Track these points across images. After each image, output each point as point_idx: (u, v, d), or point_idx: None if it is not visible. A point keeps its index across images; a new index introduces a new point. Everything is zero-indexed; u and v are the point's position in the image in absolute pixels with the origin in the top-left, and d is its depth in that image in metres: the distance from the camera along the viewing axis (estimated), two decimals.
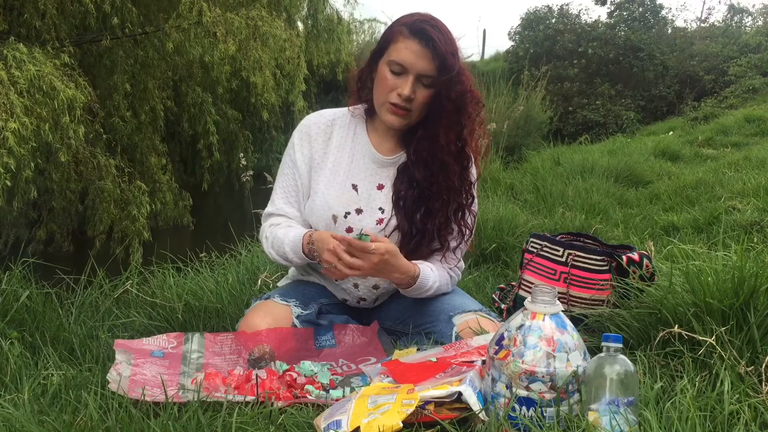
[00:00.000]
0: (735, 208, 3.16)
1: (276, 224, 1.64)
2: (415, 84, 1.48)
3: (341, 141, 1.63)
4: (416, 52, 1.47)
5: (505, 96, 8.15)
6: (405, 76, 1.48)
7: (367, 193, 1.59)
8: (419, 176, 1.55)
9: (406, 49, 1.47)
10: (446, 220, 1.58)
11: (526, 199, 4.00)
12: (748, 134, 7.27)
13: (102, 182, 5.21)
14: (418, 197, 1.57)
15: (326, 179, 1.60)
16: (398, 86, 1.49)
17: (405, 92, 1.48)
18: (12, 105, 3.86)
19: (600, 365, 1.06)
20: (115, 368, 1.35)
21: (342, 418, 1.09)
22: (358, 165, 1.61)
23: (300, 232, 1.56)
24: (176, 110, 7.31)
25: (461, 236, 1.62)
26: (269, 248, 1.63)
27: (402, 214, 1.57)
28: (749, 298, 1.31)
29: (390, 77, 1.50)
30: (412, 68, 1.47)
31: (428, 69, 1.47)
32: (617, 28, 13.48)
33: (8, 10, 4.98)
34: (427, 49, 1.46)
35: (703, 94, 11.96)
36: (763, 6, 15.41)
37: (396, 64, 1.48)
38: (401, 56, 1.48)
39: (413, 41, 1.47)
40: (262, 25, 5.60)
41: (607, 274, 1.58)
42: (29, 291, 1.75)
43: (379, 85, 1.53)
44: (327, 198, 1.58)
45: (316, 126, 1.64)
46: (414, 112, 1.52)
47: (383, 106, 1.53)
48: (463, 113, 1.53)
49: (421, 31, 1.47)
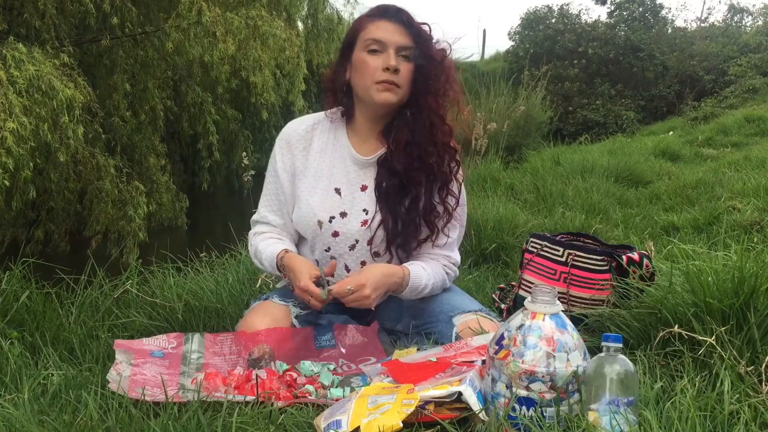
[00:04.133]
0: (735, 208, 3.16)
1: (260, 233, 1.66)
2: (397, 58, 1.49)
3: (322, 146, 1.63)
4: (389, 29, 1.50)
5: (505, 96, 8.15)
6: (385, 53, 1.49)
7: (350, 196, 1.59)
8: (399, 165, 1.54)
9: (379, 28, 1.50)
10: (430, 204, 1.57)
11: (526, 199, 4.00)
12: (748, 134, 7.27)
13: (100, 182, 5.21)
14: (399, 186, 1.56)
15: (309, 186, 1.60)
16: (381, 62, 1.49)
17: (391, 61, 1.48)
18: (11, 105, 3.86)
19: (600, 365, 1.06)
20: (115, 368, 1.35)
21: (342, 418, 1.09)
22: (340, 169, 1.61)
23: (275, 249, 1.57)
24: (176, 110, 7.31)
25: (447, 214, 1.60)
26: (253, 256, 1.67)
27: (386, 208, 1.56)
28: (749, 298, 1.31)
29: (370, 59, 1.50)
30: (389, 42, 1.49)
31: (405, 41, 1.49)
32: (617, 28, 13.49)
33: (8, 10, 4.98)
34: (400, 23, 1.50)
35: (703, 94, 11.97)
36: (763, 6, 15.43)
37: (373, 41, 1.49)
38: (376, 34, 1.49)
39: (383, 21, 1.51)
40: (261, 25, 5.60)
41: (607, 274, 1.58)
42: (29, 291, 1.75)
43: (361, 71, 1.52)
44: (311, 204, 1.58)
45: (296, 134, 1.64)
46: (402, 87, 1.52)
47: (371, 89, 1.51)
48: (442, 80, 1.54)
49: (387, 10, 1.51)
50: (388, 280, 1.49)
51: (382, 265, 1.52)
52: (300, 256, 1.57)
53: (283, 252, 1.55)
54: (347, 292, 1.43)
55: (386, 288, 1.51)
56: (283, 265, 1.54)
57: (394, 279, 1.51)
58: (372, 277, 1.46)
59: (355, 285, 1.43)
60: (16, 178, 4.08)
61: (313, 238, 1.60)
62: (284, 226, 1.66)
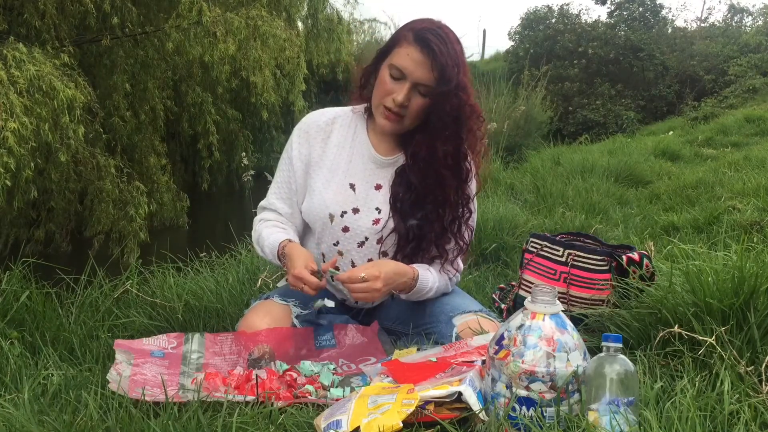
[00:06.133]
0: (735, 208, 3.16)
1: (265, 220, 1.66)
2: (411, 91, 1.47)
3: (341, 140, 1.62)
4: (416, 59, 1.46)
5: (505, 96, 8.16)
6: (402, 82, 1.47)
7: (364, 192, 1.59)
8: (416, 180, 1.54)
9: (407, 56, 1.47)
10: (443, 230, 1.57)
11: (526, 199, 4.00)
12: (748, 134, 7.26)
13: (101, 182, 5.21)
14: (414, 201, 1.56)
15: (324, 178, 1.60)
16: (394, 91, 1.48)
17: (399, 99, 1.47)
18: (11, 105, 3.86)
19: (600, 365, 1.06)
20: (115, 368, 1.35)
21: (342, 418, 1.09)
22: (357, 164, 1.60)
23: (278, 238, 1.57)
24: (176, 110, 7.32)
25: (458, 249, 1.61)
26: (255, 242, 1.67)
27: (399, 217, 1.56)
28: (749, 298, 1.31)
29: (388, 81, 1.49)
30: (410, 75, 1.47)
31: (426, 78, 1.46)
32: (617, 28, 13.48)
33: (8, 10, 4.98)
34: (428, 58, 1.45)
35: (703, 94, 11.95)
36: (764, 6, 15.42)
37: (396, 68, 1.48)
38: (401, 62, 1.47)
39: (415, 48, 1.46)
40: (261, 25, 5.60)
41: (607, 274, 1.58)
42: (29, 291, 1.75)
43: (378, 87, 1.53)
44: (324, 197, 1.58)
45: (316, 125, 1.64)
46: (407, 119, 1.51)
47: (378, 109, 1.53)
48: (462, 127, 1.52)
49: (425, 39, 1.46)
50: (398, 279, 1.49)
51: (394, 263, 1.51)
52: (302, 247, 1.57)
53: (286, 241, 1.55)
54: (360, 279, 1.42)
55: (395, 286, 1.50)
56: (284, 254, 1.53)
57: (404, 279, 1.51)
58: (386, 270, 1.45)
59: (369, 275, 1.42)
60: (17, 178, 4.07)
61: (322, 230, 1.60)
62: (291, 215, 1.66)
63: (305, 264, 1.44)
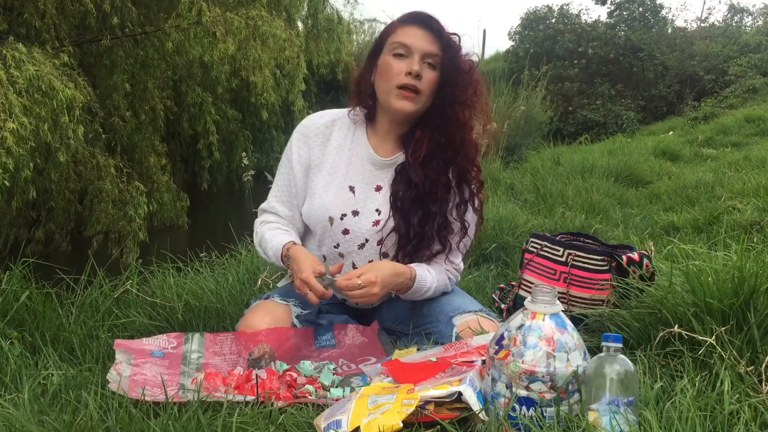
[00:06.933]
0: (735, 208, 3.16)
1: (267, 222, 1.66)
2: (421, 65, 1.48)
3: (340, 142, 1.62)
4: (417, 34, 1.49)
5: (505, 96, 8.15)
6: (410, 58, 1.48)
7: (364, 195, 1.59)
8: (417, 178, 1.54)
9: (407, 34, 1.49)
10: (445, 220, 1.57)
11: (526, 199, 4.00)
12: (748, 134, 7.27)
13: (101, 182, 5.21)
14: (415, 199, 1.56)
15: (324, 181, 1.60)
16: (405, 66, 1.48)
17: (414, 66, 1.47)
18: (11, 105, 3.86)
19: (600, 365, 1.06)
20: (115, 368, 1.35)
21: (342, 418, 1.09)
22: (356, 167, 1.60)
23: (282, 240, 1.56)
24: (176, 110, 7.32)
25: (463, 231, 1.60)
26: (257, 245, 1.66)
27: (399, 216, 1.56)
28: (749, 298, 1.31)
29: (395, 62, 1.49)
30: (416, 48, 1.48)
31: (432, 48, 1.49)
32: (617, 28, 13.49)
33: (8, 10, 4.97)
34: (429, 30, 1.49)
35: (703, 94, 11.96)
36: (764, 6, 15.43)
37: (400, 45, 1.49)
38: (404, 39, 1.49)
39: (413, 26, 1.50)
40: (261, 25, 5.61)
41: (607, 274, 1.58)
42: (29, 291, 1.75)
43: (384, 74, 1.52)
44: (324, 200, 1.58)
45: (315, 127, 1.63)
46: (423, 95, 1.50)
47: (391, 94, 1.51)
48: (469, 92, 1.53)
49: (418, 16, 1.51)
50: (396, 280, 1.49)
51: (390, 264, 1.51)
52: (307, 251, 1.57)
53: (290, 243, 1.55)
54: (357, 286, 1.42)
55: (393, 287, 1.50)
56: (288, 256, 1.53)
57: (402, 279, 1.51)
58: (382, 275, 1.45)
59: (365, 281, 1.42)
60: (17, 178, 4.08)
61: (323, 233, 1.60)
62: (292, 218, 1.66)
63: (312, 268, 1.44)
